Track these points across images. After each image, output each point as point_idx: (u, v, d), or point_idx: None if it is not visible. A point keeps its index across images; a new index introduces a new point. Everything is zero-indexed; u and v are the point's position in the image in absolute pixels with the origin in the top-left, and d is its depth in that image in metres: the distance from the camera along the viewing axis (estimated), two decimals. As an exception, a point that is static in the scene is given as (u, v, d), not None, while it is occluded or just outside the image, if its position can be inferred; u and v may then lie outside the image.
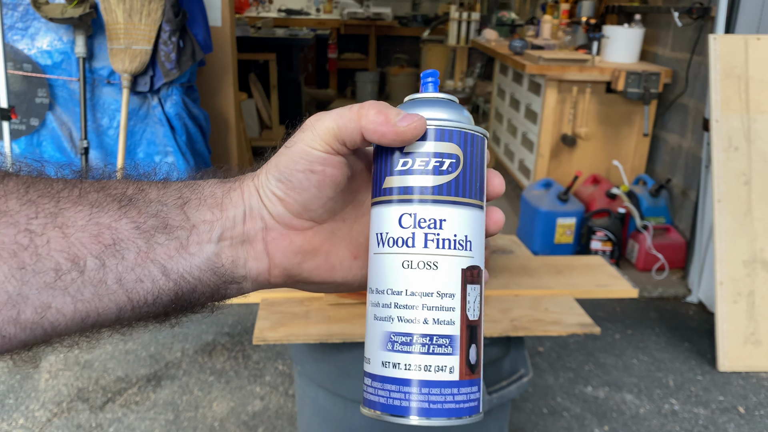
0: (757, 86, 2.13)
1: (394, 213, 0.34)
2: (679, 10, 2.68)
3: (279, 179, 0.34)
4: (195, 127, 2.57)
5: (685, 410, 1.86)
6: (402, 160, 0.34)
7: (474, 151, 0.35)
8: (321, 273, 0.37)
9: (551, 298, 1.21)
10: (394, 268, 0.34)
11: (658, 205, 2.79)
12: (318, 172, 0.34)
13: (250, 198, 0.35)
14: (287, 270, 0.36)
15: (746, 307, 2.06)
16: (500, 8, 5.56)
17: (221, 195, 0.35)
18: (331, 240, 0.37)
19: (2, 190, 0.30)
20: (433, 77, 0.36)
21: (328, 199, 0.35)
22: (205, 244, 0.33)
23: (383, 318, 0.34)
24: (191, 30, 2.45)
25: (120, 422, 1.75)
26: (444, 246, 0.33)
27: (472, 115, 0.37)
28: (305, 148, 0.33)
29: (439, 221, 0.33)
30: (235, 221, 0.34)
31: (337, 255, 0.37)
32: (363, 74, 6.60)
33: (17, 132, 2.38)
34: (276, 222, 0.35)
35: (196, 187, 0.35)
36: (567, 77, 2.84)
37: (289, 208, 0.35)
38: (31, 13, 2.29)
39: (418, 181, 0.34)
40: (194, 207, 0.34)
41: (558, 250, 2.76)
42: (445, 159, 0.34)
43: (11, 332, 0.29)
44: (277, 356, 2.07)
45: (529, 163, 3.16)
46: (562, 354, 2.13)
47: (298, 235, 0.36)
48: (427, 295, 0.33)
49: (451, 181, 0.34)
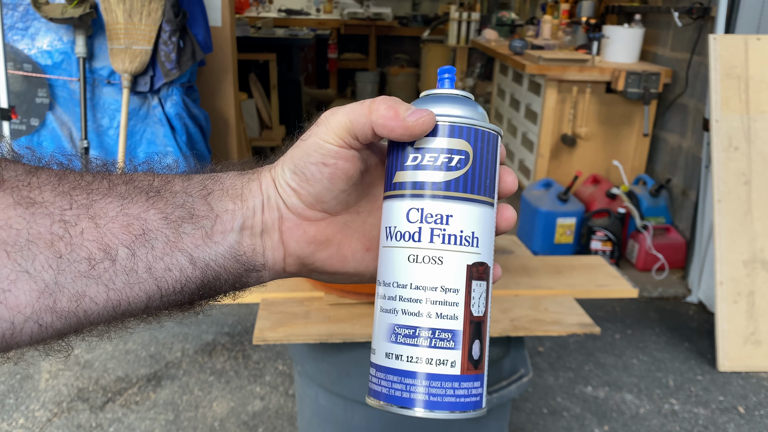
0: (757, 86, 2.13)
1: (403, 207, 0.34)
2: (679, 10, 2.68)
3: (293, 171, 0.35)
4: (195, 127, 2.57)
5: (685, 410, 1.86)
6: (412, 155, 0.35)
7: (485, 148, 0.35)
8: (333, 263, 0.38)
9: (551, 298, 1.21)
10: (400, 262, 0.34)
11: (658, 205, 2.79)
12: (330, 165, 0.35)
13: (268, 189, 0.36)
14: (301, 259, 0.37)
15: (746, 307, 2.06)
16: (500, 8, 5.57)
17: (241, 186, 0.36)
18: (344, 231, 0.38)
19: (36, 182, 0.30)
20: (450, 74, 0.37)
21: (340, 192, 0.36)
22: (228, 233, 0.34)
23: (389, 310, 0.34)
24: (191, 30, 2.45)
25: (120, 422, 1.75)
26: (450, 241, 0.34)
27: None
28: (318, 141, 0.34)
29: (446, 217, 0.34)
30: (254, 211, 0.35)
31: (349, 246, 0.38)
32: (363, 74, 6.60)
33: (17, 132, 2.38)
34: (291, 212, 0.36)
35: (217, 179, 0.36)
36: (567, 77, 2.84)
37: (303, 199, 0.36)
38: (31, 13, 2.29)
39: (426, 177, 0.34)
40: (217, 197, 0.35)
41: (558, 250, 2.76)
42: (454, 155, 0.34)
43: (48, 321, 0.29)
44: (277, 356, 2.07)
45: (529, 163, 3.16)
46: (562, 354, 2.13)
47: (312, 226, 0.37)
48: (432, 289, 0.34)
49: (460, 177, 0.34)
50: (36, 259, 0.29)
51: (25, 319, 0.28)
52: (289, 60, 4.63)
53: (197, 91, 2.65)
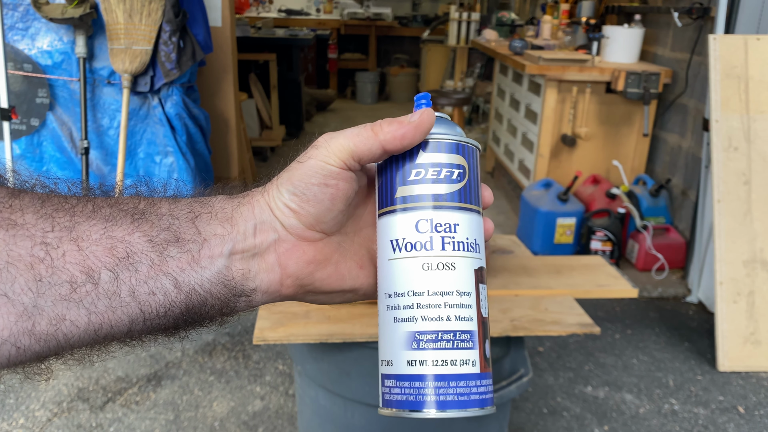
0: (756, 86, 2.13)
1: (410, 219, 0.36)
2: (678, 10, 2.68)
3: (293, 192, 0.36)
4: (195, 127, 2.57)
5: (685, 410, 1.86)
6: (415, 170, 0.36)
7: (474, 163, 0.38)
8: (332, 282, 0.39)
9: (551, 298, 1.21)
10: (414, 271, 0.35)
11: (658, 205, 2.79)
12: (332, 185, 0.36)
13: (261, 212, 0.36)
14: (300, 279, 0.37)
15: (746, 307, 2.06)
16: (500, 8, 5.57)
17: (231, 209, 0.36)
18: (339, 251, 0.39)
19: (18, 204, 0.30)
20: (426, 99, 0.38)
21: (338, 212, 0.37)
22: (217, 258, 0.34)
23: (405, 319, 0.35)
24: (191, 30, 2.45)
25: (120, 422, 1.75)
26: (459, 248, 0.36)
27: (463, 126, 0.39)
28: (320, 163, 0.35)
29: (454, 225, 0.36)
30: (246, 235, 0.35)
31: (346, 264, 0.39)
32: (363, 74, 6.60)
33: (18, 132, 2.38)
34: (289, 233, 0.36)
35: (206, 202, 0.36)
36: (567, 77, 2.84)
37: (303, 220, 0.36)
38: (31, 13, 2.29)
39: (432, 189, 0.36)
40: (205, 221, 0.35)
41: (558, 250, 2.76)
42: (454, 169, 0.37)
43: (26, 343, 0.29)
44: (277, 356, 2.07)
45: (529, 163, 3.16)
46: (562, 354, 2.13)
47: (310, 246, 0.37)
48: (448, 293, 0.35)
49: (461, 189, 0.37)
50: (15, 282, 0.28)
51: (2, 341, 0.28)
52: (289, 60, 4.63)
53: (197, 91, 2.65)
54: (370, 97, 6.61)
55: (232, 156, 3.01)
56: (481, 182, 0.39)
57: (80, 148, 2.36)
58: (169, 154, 2.50)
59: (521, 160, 3.32)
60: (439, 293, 0.35)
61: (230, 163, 3.02)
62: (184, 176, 2.52)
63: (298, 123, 4.94)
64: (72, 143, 2.44)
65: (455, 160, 0.37)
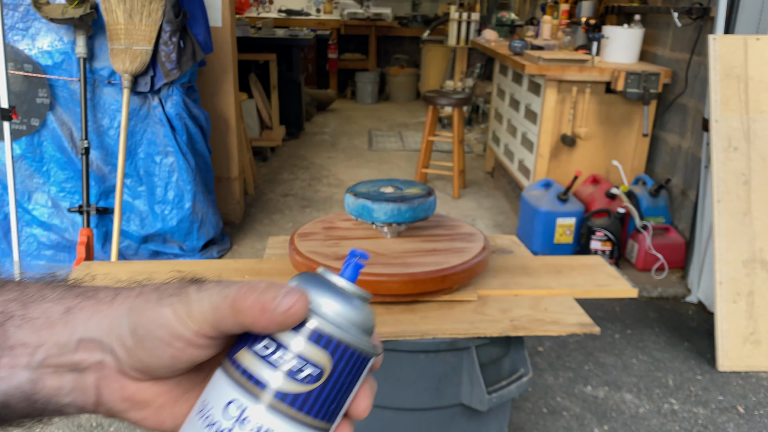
0: (756, 86, 2.13)
1: (226, 393, 0.30)
2: (678, 11, 2.68)
3: (133, 330, 0.30)
4: (195, 127, 2.57)
5: (685, 410, 1.87)
6: (265, 342, 0.30)
7: (347, 370, 0.30)
8: (148, 424, 0.34)
9: (551, 298, 1.21)
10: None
11: (658, 205, 2.80)
12: (177, 348, 0.30)
13: (97, 326, 0.31)
14: (112, 411, 0.33)
15: (746, 307, 2.07)
16: (500, 8, 5.57)
17: (58, 314, 0.31)
18: (168, 395, 0.33)
19: None
20: (359, 259, 0.32)
21: (177, 370, 0.32)
22: (20, 370, 0.30)
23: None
24: (192, 30, 2.46)
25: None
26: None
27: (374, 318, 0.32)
28: (172, 323, 0.30)
29: (264, 431, 0.29)
30: (65, 348, 0.31)
31: (171, 411, 0.34)
32: (363, 74, 6.60)
33: (18, 132, 2.38)
34: (114, 361, 0.31)
35: (27, 302, 0.32)
36: (567, 77, 2.84)
37: (130, 361, 0.31)
38: (31, 13, 2.30)
39: (265, 375, 0.29)
40: (16, 324, 0.31)
41: (558, 250, 2.77)
42: (306, 367, 0.29)
43: None
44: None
45: (529, 163, 3.16)
46: (561, 354, 2.13)
47: (132, 384, 0.32)
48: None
49: (301, 394, 0.29)
50: None
51: None
52: (289, 60, 4.64)
53: (197, 92, 2.65)
54: (370, 97, 6.62)
55: (232, 156, 3.02)
56: (362, 389, 0.32)
57: (80, 148, 2.37)
58: (169, 154, 2.50)
59: (521, 160, 3.32)
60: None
61: (230, 163, 3.03)
62: (185, 176, 2.53)
63: (298, 123, 4.95)
64: (72, 143, 2.45)
65: (314, 355, 0.29)
